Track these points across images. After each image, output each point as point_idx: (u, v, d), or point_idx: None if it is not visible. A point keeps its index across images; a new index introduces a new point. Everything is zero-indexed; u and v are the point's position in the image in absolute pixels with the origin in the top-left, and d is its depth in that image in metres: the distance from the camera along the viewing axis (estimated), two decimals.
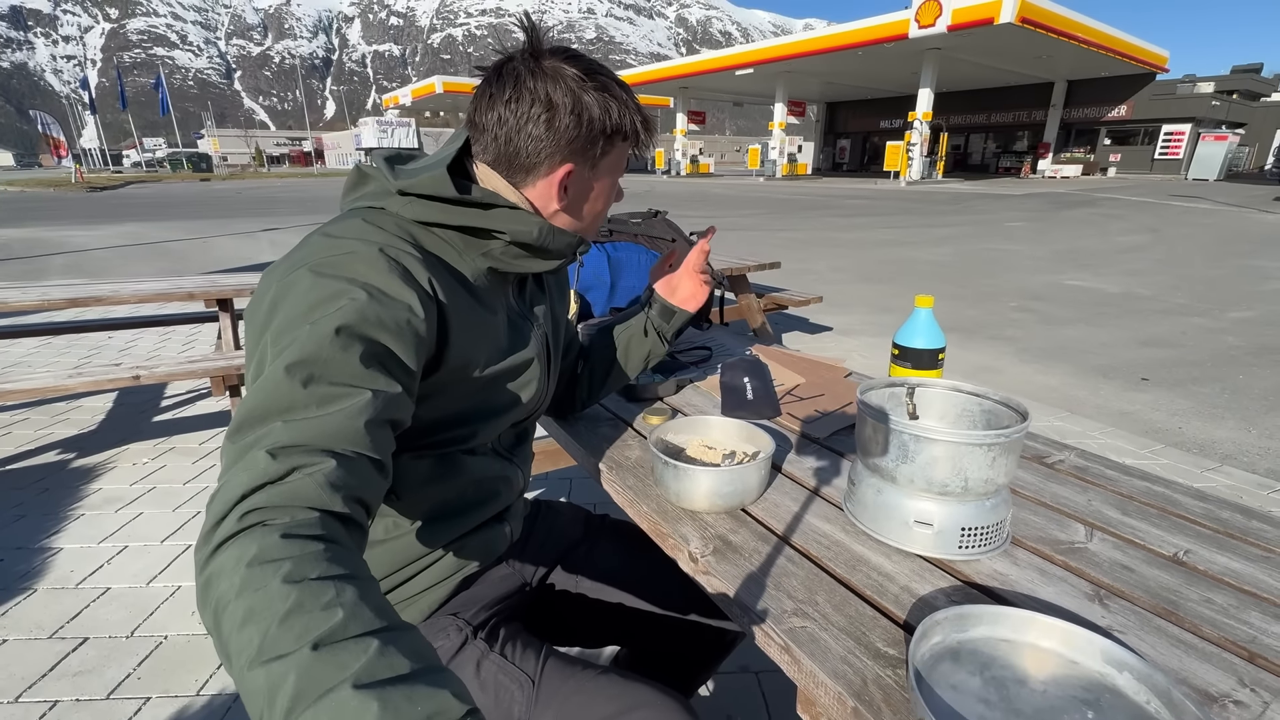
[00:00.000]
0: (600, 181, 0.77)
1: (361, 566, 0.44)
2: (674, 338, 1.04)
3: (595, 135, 0.71)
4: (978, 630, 0.58)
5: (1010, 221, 11.03)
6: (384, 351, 0.57)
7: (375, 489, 0.52)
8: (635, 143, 0.76)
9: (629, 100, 0.73)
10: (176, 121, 46.85)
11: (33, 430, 2.73)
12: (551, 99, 0.67)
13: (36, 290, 2.58)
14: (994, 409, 0.78)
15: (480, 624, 0.76)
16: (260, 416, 0.49)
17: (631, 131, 0.74)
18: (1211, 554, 0.72)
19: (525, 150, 0.69)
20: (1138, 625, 0.61)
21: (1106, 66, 23.62)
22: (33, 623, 1.59)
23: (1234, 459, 2.51)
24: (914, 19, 19.28)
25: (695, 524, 0.79)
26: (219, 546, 0.42)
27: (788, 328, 4.43)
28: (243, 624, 0.36)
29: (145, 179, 31.10)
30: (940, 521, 0.71)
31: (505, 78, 0.68)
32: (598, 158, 0.73)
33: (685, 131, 33.75)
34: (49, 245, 8.39)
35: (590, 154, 0.72)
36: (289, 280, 0.57)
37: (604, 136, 0.71)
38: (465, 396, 0.71)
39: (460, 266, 0.70)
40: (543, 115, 0.68)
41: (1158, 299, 5.31)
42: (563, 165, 0.71)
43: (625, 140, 0.74)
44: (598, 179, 0.76)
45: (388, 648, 0.36)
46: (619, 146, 0.75)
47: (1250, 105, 28.17)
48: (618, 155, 0.76)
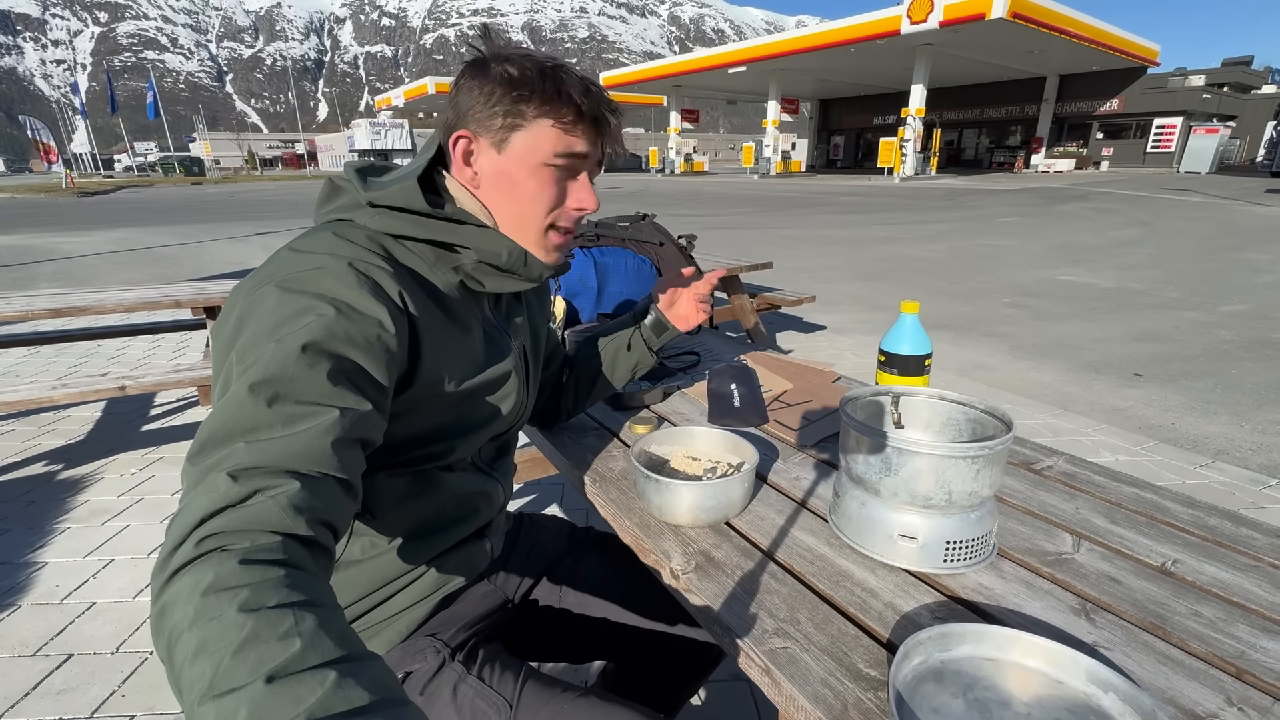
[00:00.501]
0: (513, 163, 0.67)
1: (324, 593, 0.42)
2: (660, 350, 1.03)
3: (496, 98, 0.65)
4: (961, 649, 0.57)
5: (1004, 217, 11.05)
6: (353, 368, 0.55)
7: (342, 511, 0.51)
8: (558, 117, 0.65)
9: (566, 78, 0.66)
10: (168, 125, 46.62)
11: (19, 442, 2.70)
12: (486, 66, 0.67)
13: (21, 300, 2.55)
14: (979, 418, 0.77)
15: (459, 645, 0.74)
16: (222, 437, 0.48)
17: (544, 98, 0.64)
18: (1200, 563, 0.71)
19: (449, 120, 0.69)
20: (1124, 641, 0.60)
21: (1098, 61, 23.67)
22: (16, 640, 1.57)
23: (1227, 454, 2.50)
24: (906, 15, 19.28)
25: (678, 539, 0.78)
26: (174, 574, 0.40)
27: (781, 327, 4.42)
28: (195, 656, 0.35)
29: (137, 183, 30.93)
30: (925, 535, 0.70)
31: (468, 65, 0.68)
32: (500, 129, 0.66)
33: (679, 130, 33.72)
34: (39, 252, 8.33)
35: (491, 123, 0.66)
36: (255, 297, 0.56)
37: (505, 101, 0.65)
38: (441, 412, 0.70)
39: (433, 279, 0.68)
40: (466, 80, 0.67)
41: (1150, 293, 5.32)
42: (461, 129, 0.67)
43: (537, 110, 0.65)
44: (507, 159, 0.67)
45: (346, 680, 0.34)
46: (532, 120, 0.65)
47: (1241, 98, 28.26)
48: (535, 134, 0.66)
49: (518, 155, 0.67)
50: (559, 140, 0.67)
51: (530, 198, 0.69)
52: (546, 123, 0.66)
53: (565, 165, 0.68)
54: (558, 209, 0.71)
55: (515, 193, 0.69)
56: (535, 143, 0.67)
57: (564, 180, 0.70)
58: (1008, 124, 29.81)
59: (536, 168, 0.68)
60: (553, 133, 0.66)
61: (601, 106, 0.68)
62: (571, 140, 0.67)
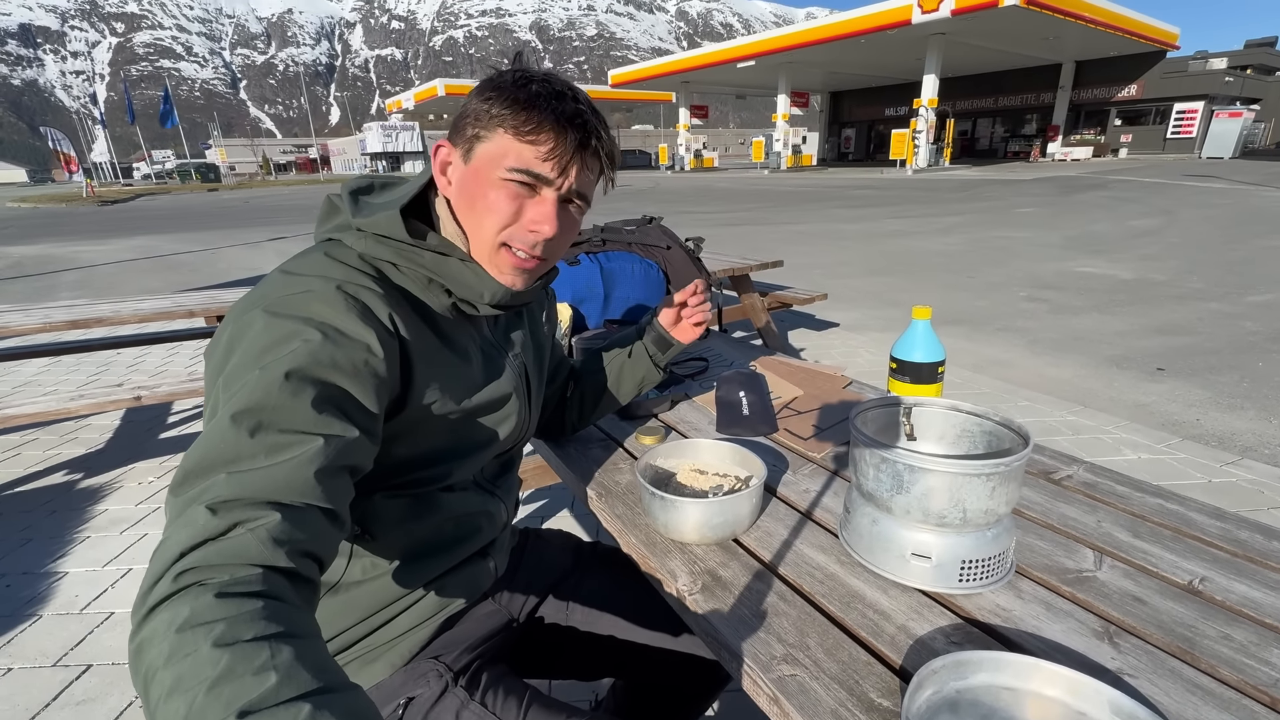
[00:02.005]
0: (474, 173, 0.64)
1: (304, 624, 0.42)
2: (667, 365, 1.02)
3: (470, 108, 0.65)
4: (978, 678, 0.55)
5: (1020, 208, 10.86)
6: (339, 394, 0.55)
7: (327, 541, 0.50)
8: (517, 127, 0.62)
9: (538, 91, 0.62)
10: (184, 133, 47.39)
11: (41, 451, 2.75)
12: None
13: (39, 312, 2.59)
14: (995, 430, 0.75)
15: (462, 669, 0.73)
16: (204, 468, 0.47)
17: (504, 107, 0.62)
18: (1229, 581, 0.68)
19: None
20: (1150, 667, 0.57)
21: (1115, 46, 23.18)
22: (37, 650, 1.59)
23: (1255, 451, 2.43)
24: (917, 4, 19.02)
25: (684, 557, 0.76)
26: (151, 610, 0.40)
27: (793, 325, 4.38)
28: (170, 694, 0.35)
29: (155, 191, 31.46)
30: (939, 554, 0.67)
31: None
32: (468, 138, 0.65)
33: (688, 126, 33.57)
34: (60, 262, 8.49)
35: (462, 132, 0.65)
36: (243, 321, 0.56)
37: (476, 111, 0.64)
38: (438, 434, 0.69)
39: (426, 300, 0.67)
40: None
41: (1172, 284, 5.19)
42: (442, 139, 0.68)
43: (499, 121, 0.62)
44: (471, 169, 0.65)
45: (320, 713, 0.34)
46: (494, 130, 0.63)
47: (1265, 80, 27.52)
48: (495, 145, 0.63)
49: (480, 165, 0.64)
50: (518, 154, 0.63)
51: (485, 210, 0.65)
52: (508, 135, 0.62)
53: (524, 182, 0.64)
54: (511, 226, 0.66)
55: (474, 204, 0.66)
56: (495, 154, 0.63)
57: (522, 197, 0.65)
58: (1023, 112, 29.31)
59: (495, 180, 0.64)
60: (512, 144, 0.63)
61: (571, 119, 0.63)
62: (529, 155, 0.63)
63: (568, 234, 0.70)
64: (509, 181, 0.64)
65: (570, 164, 0.64)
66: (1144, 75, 24.80)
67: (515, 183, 0.64)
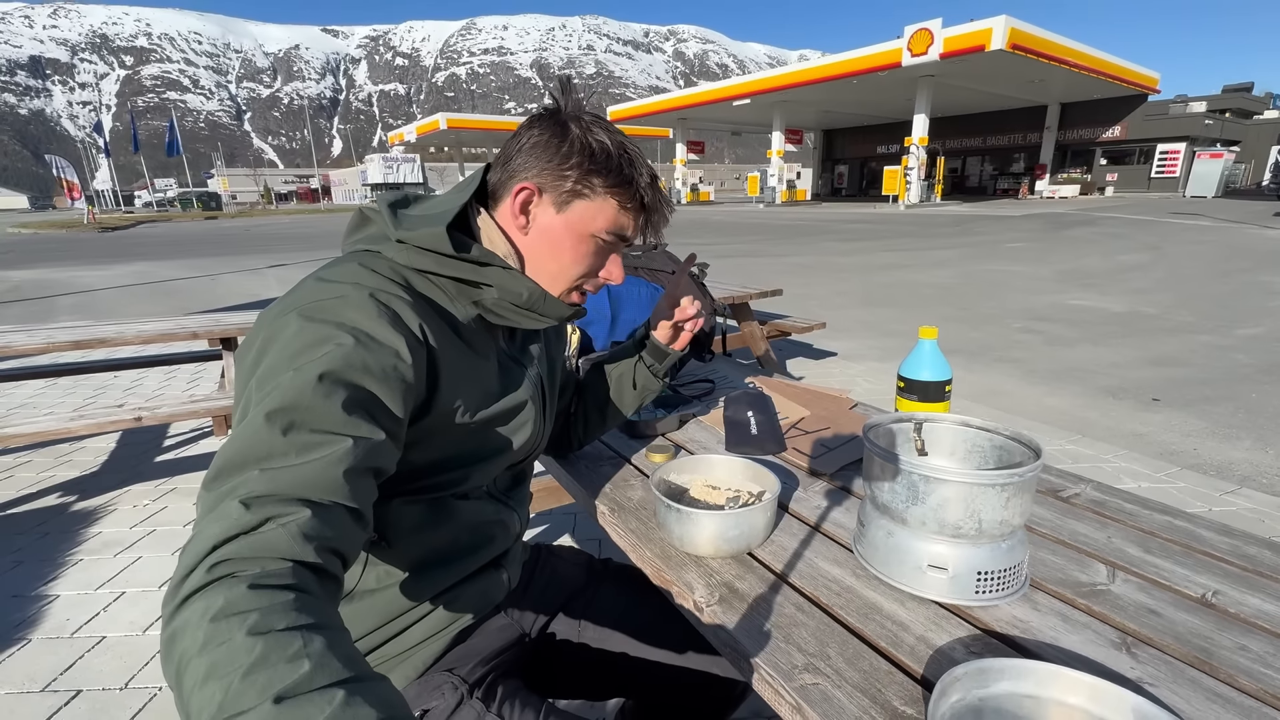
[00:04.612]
0: (567, 225, 0.70)
1: (333, 616, 0.43)
2: (669, 374, 1.03)
3: (572, 164, 0.68)
4: (1000, 686, 0.55)
5: (1011, 243, 11.06)
6: (368, 398, 0.56)
7: (352, 539, 0.51)
8: (623, 200, 0.70)
9: (638, 165, 0.70)
10: (187, 162, 47.90)
11: (35, 473, 2.72)
12: (567, 128, 0.69)
13: (42, 333, 2.59)
14: (1006, 444, 0.76)
15: (477, 681, 0.72)
16: (237, 465, 0.49)
17: (617, 179, 0.69)
18: (1242, 595, 0.69)
19: (512, 163, 0.71)
20: (1170, 677, 0.57)
21: (1098, 89, 23.97)
22: (25, 675, 1.55)
23: (1252, 480, 2.45)
24: (906, 48, 19.69)
25: (700, 570, 0.76)
26: (185, 600, 0.41)
27: (791, 354, 4.41)
28: (204, 680, 0.36)
29: (155, 218, 31.68)
30: (955, 565, 0.68)
31: (545, 118, 0.71)
32: (566, 191, 0.69)
33: (685, 161, 34.27)
34: (58, 286, 8.50)
35: (560, 184, 0.69)
36: (277, 325, 0.57)
37: (580, 169, 0.68)
38: (457, 441, 0.70)
39: (452, 310, 0.69)
40: (544, 134, 0.69)
41: (1164, 317, 5.28)
42: (526, 180, 0.70)
43: (607, 187, 0.69)
44: (564, 220, 0.70)
45: (354, 698, 0.35)
46: (599, 194, 0.69)
47: (1243, 123, 28.44)
48: (597, 207, 0.70)
49: (574, 220, 0.70)
50: (616, 219, 0.71)
51: (571, 260, 0.72)
52: (612, 202, 0.70)
53: (610, 242, 0.73)
54: (590, 276, 0.75)
55: (559, 251, 0.72)
56: (594, 214, 0.70)
57: (605, 252, 0.74)
58: (1011, 151, 30.09)
59: (585, 236, 0.71)
60: (613, 212, 0.71)
61: (660, 201, 0.74)
62: (625, 222, 0.72)
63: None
64: (601, 240, 0.72)
65: (648, 233, 0.76)
66: (1127, 117, 25.58)
67: (604, 242, 0.72)
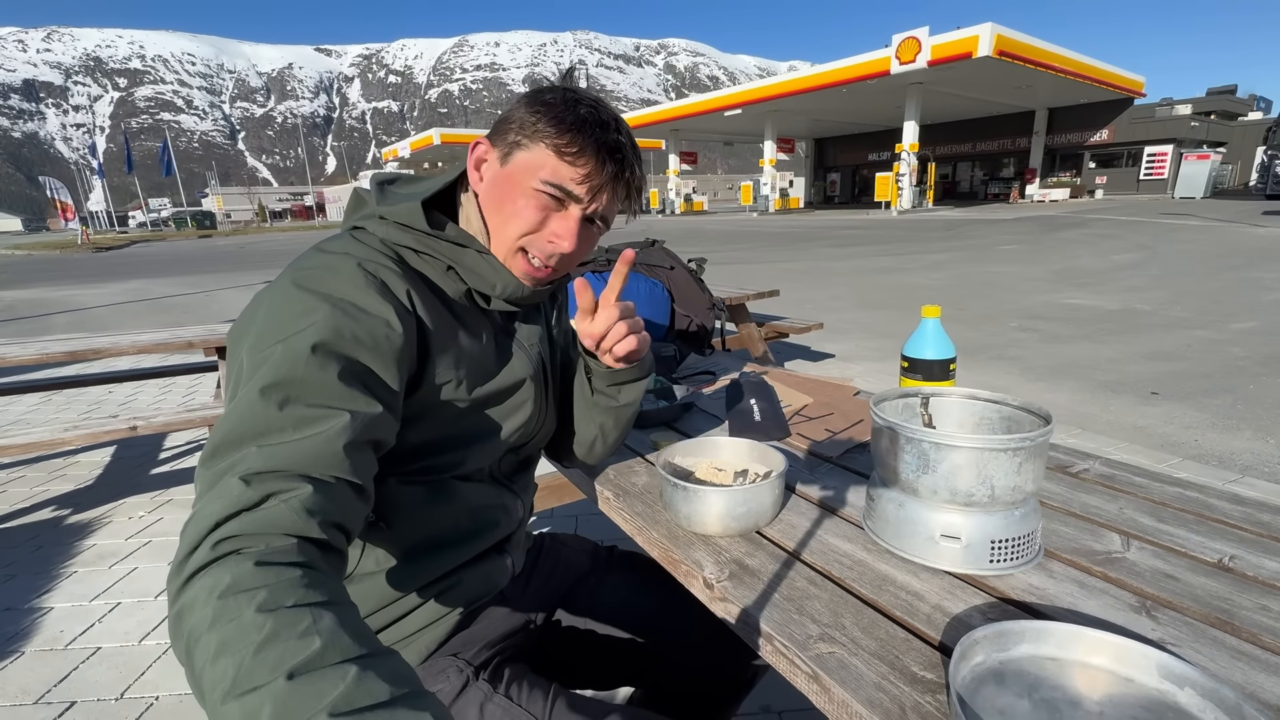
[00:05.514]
0: (508, 176, 0.66)
1: (340, 592, 0.43)
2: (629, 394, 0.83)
3: (512, 115, 0.66)
4: (1020, 649, 0.54)
5: (1003, 245, 11.13)
6: (363, 369, 0.56)
7: (355, 513, 0.51)
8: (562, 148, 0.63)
9: (593, 120, 0.64)
10: (181, 182, 48.05)
11: (28, 487, 2.68)
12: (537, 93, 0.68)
13: (36, 345, 2.57)
14: (1014, 415, 0.75)
15: (483, 664, 0.71)
16: (235, 441, 0.48)
17: (557, 126, 0.63)
18: (1259, 559, 0.68)
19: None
20: (1192, 637, 0.56)
21: (1085, 93, 24.25)
22: (19, 688, 1.52)
23: (1254, 469, 2.44)
24: (894, 56, 19.91)
25: (709, 548, 0.75)
26: (191, 577, 0.40)
27: (789, 356, 4.41)
28: (216, 657, 0.35)
29: (150, 238, 31.69)
30: (968, 534, 0.67)
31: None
32: (509, 142, 0.66)
33: (678, 171, 34.49)
34: (53, 304, 8.47)
35: (505, 136, 0.67)
36: (272, 290, 0.58)
37: (521, 120, 0.65)
38: (452, 420, 0.69)
39: (443, 286, 0.69)
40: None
41: (1158, 314, 5.30)
42: (482, 138, 0.70)
43: (546, 136, 0.63)
44: (506, 172, 0.66)
45: (366, 673, 0.35)
46: (537, 143, 0.64)
47: (1229, 125, 28.79)
48: (535, 156, 0.64)
49: (515, 171, 0.66)
50: (556, 170, 0.64)
51: (512, 213, 0.67)
52: (548, 148, 0.64)
53: (554, 195, 0.65)
54: (533, 234, 0.67)
55: (502, 205, 0.67)
56: (533, 164, 0.65)
57: (549, 209, 0.67)
58: (1000, 156, 30.37)
59: (527, 188, 0.65)
60: (551, 159, 0.64)
61: (611, 150, 0.65)
62: (567, 174, 0.64)
63: (582, 251, 0.71)
64: (540, 192, 0.65)
65: (601, 191, 0.67)
66: (1114, 120, 25.86)
67: (546, 195, 0.65)
